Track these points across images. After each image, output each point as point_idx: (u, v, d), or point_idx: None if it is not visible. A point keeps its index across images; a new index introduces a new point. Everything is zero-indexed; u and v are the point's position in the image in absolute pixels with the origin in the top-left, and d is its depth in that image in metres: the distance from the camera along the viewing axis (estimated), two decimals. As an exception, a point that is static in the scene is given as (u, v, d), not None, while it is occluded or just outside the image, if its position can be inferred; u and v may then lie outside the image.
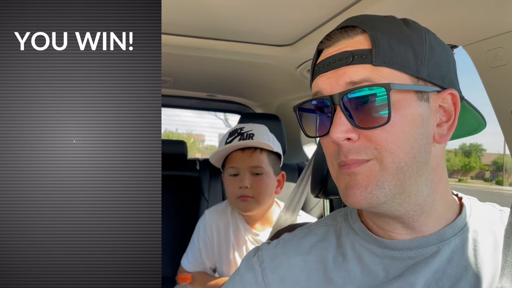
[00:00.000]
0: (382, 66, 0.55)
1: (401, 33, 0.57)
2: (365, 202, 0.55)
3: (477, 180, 6.89)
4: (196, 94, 2.49)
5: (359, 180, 0.55)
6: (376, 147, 0.55)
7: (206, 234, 1.46)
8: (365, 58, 0.55)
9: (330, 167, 0.61)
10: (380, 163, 0.55)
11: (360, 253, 0.62)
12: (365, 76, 0.54)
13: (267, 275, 0.64)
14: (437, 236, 0.59)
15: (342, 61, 0.56)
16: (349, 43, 0.58)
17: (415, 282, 0.57)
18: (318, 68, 0.60)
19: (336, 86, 0.56)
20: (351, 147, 0.55)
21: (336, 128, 0.55)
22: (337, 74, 0.57)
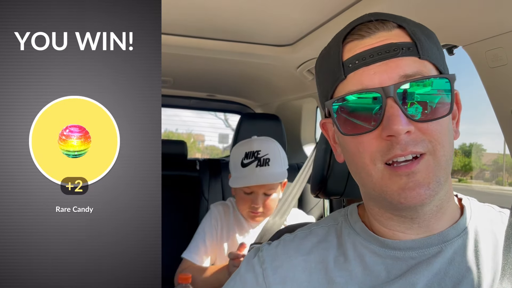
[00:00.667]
0: (426, 60, 0.55)
1: (425, 30, 0.58)
2: (428, 199, 0.54)
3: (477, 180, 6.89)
4: (196, 94, 2.49)
5: (419, 179, 0.54)
6: (430, 140, 0.54)
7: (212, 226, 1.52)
8: (411, 51, 0.55)
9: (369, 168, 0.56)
10: (434, 157, 0.54)
11: (362, 253, 0.61)
12: (417, 69, 0.54)
13: (268, 276, 0.64)
14: (440, 236, 0.59)
15: (390, 53, 0.55)
16: (390, 35, 0.56)
17: (416, 282, 0.57)
18: (355, 62, 0.56)
19: (387, 79, 0.54)
20: (409, 140, 0.53)
21: (397, 120, 0.52)
22: (387, 66, 0.54)
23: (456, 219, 0.61)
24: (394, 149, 0.53)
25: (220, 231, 1.52)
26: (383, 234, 0.62)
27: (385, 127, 0.53)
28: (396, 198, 0.55)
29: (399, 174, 0.54)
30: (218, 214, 1.54)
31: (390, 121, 0.53)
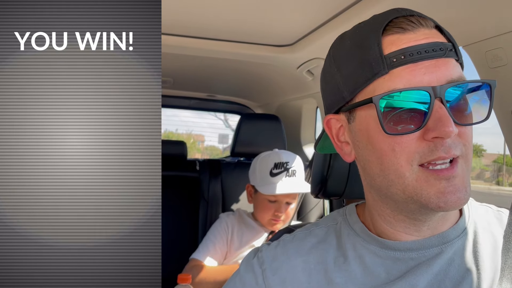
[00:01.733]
0: (459, 63, 0.56)
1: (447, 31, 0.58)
2: (464, 203, 0.54)
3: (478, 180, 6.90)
4: (196, 94, 2.49)
5: (457, 184, 0.53)
6: (464, 144, 0.54)
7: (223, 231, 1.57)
8: (452, 52, 0.54)
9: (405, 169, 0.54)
10: (465, 160, 0.54)
11: (362, 254, 0.61)
12: (460, 74, 0.54)
13: (268, 276, 0.63)
14: (440, 237, 0.59)
15: (438, 52, 0.53)
16: (431, 33, 0.55)
17: (416, 284, 0.56)
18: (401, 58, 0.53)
19: (436, 80, 0.52)
20: (451, 142, 0.52)
21: (449, 122, 0.51)
22: (436, 66, 0.53)
23: (456, 220, 0.61)
24: (438, 151, 0.52)
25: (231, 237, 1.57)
26: (384, 234, 0.62)
27: (433, 129, 0.51)
28: (434, 202, 0.53)
29: (439, 178, 0.53)
30: (229, 221, 1.60)
31: (440, 122, 0.51)
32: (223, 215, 1.64)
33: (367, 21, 0.60)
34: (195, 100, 2.62)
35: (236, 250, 1.55)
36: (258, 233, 1.57)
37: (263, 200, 1.53)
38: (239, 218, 1.61)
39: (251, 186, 1.58)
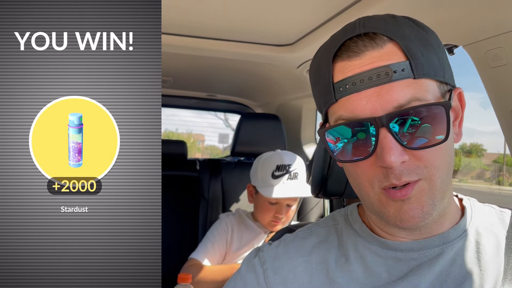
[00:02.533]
0: (422, 78, 0.52)
1: (422, 37, 0.54)
2: (422, 222, 0.54)
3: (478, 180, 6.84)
4: (196, 94, 2.49)
5: (412, 203, 0.54)
6: (425, 166, 0.53)
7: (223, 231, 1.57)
8: (405, 72, 0.51)
9: (367, 190, 0.56)
10: (429, 181, 0.53)
11: (363, 254, 0.61)
12: (411, 95, 0.51)
13: (269, 276, 0.63)
14: (441, 237, 0.59)
15: (382, 78, 0.51)
16: (380, 55, 0.52)
17: (418, 284, 0.56)
18: (345, 87, 0.53)
19: (380, 109, 0.51)
20: (403, 169, 0.52)
21: (391, 152, 0.51)
22: (378, 95, 0.51)
23: (457, 220, 0.61)
24: (390, 178, 0.53)
25: (230, 238, 1.57)
26: (383, 235, 0.62)
27: (379, 158, 0.52)
28: (392, 220, 0.55)
29: (394, 200, 0.54)
30: (229, 222, 1.59)
31: (383, 152, 0.51)
32: (223, 215, 1.64)
33: (327, 41, 0.59)
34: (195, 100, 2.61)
35: (236, 251, 1.55)
36: (257, 234, 1.57)
37: (264, 202, 1.53)
38: (239, 218, 1.61)
39: (252, 186, 1.58)
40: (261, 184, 1.52)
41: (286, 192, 1.48)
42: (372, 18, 0.55)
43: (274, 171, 1.51)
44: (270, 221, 1.54)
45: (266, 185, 1.50)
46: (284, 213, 1.51)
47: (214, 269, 1.46)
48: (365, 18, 0.56)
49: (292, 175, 1.51)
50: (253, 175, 1.57)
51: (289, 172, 1.51)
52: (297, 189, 1.51)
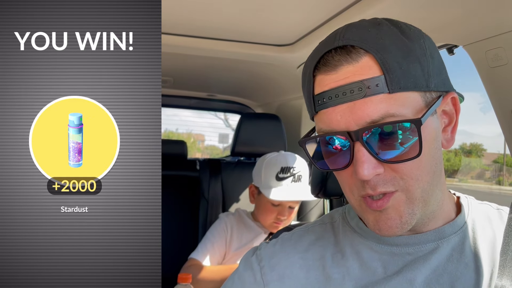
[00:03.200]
0: (398, 92, 0.52)
1: (404, 47, 0.53)
2: (400, 231, 0.55)
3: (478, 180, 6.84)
4: (196, 94, 2.49)
5: (390, 214, 0.54)
6: (402, 177, 0.53)
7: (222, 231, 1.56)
8: (379, 87, 0.51)
9: (349, 196, 0.58)
10: (407, 192, 0.54)
11: (359, 249, 0.62)
12: (384, 111, 0.51)
13: (266, 273, 0.64)
14: (436, 233, 0.60)
15: (355, 94, 0.52)
16: (355, 69, 0.52)
17: (414, 279, 0.57)
18: (323, 100, 0.54)
19: (353, 124, 0.52)
20: (378, 180, 0.53)
21: (363, 166, 0.52)
22: (352, 110, 0.52)
23: (452, 217, 0.62)
24: (366, 188, 0.54)
25: (230, 238, 1.56)
26: None
27: (355, 170, 0.53)
28: (372, 227, 0.57)
29: (371, 210, 0.55)
30: (229, 222, 1.59)
31: (356, 166, 0.52)
32: (223, 215, 1.64)
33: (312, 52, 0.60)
34: (195, 100, 2.61)
35: (236, 250, 1.55)
36: (257, 234, 1.57)
37: (266, 203, 1.52)
38: (239, 218, 1.61)
39: (254, 187, 1.57)
40: (264, 186, 1.51)
41: (290, 195, 1.48)
42: (354, 28, 0.55)
43: (279, 173, 1.51)
44: (272, 222, 1.53)
45: (269, 186, 1.49)
46: (286, 215, 1.51)
47: (213, 269, 1.46)
48: (348, 27, 0.56)
49: (296, 178, 1.51)
50: (256, 176, 1.57)
51: (293, 174, 1.51)
52: (301, 192, 1.50)
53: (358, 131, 0.52)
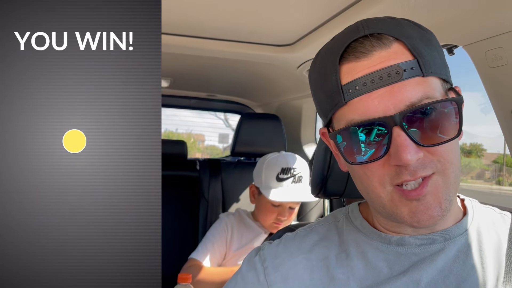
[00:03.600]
0: (430, 76, 0.53)
1: (424, 37, 0.55)
2: (441, 219, 0.54)
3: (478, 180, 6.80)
4: (196, 94, 2.49)
5: (429, 201, 0.53)
6: (439, 160, 0.53)
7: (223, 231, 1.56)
8: (414, 70, 0.52)
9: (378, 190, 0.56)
10: (443, 176, 0.54)
11: (364, 249, 0.61)
12: (422, 93, 0.52)
13: (269, 274, 0.64)
14: (442, 234, 0.59)
15: (392, 77, 0.51)
16: (389, 54, 0.53)
17: (420, 279, 0.57)
18: (355, 88, 0.53)
19: (392, 107, 0.51)
20: (417, 164, 0.52)
21: (406, 150, 0.51)
22: (391, 94, 0.51)
23: (458, 219, 0.61)
24: (403, 175, 0.53)
25: (230, 238, 1.56)
26: (386, 231, 0.62)
27: (393, 156, 0.52)
28: (408, 221, 0.55)
29: (409, 199, 0.54)
30: (229, 222, 1.59)
31: (398, 151, 0.51)
32: (223, 215, 1.64)
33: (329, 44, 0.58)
34: (195, 100, 2.62)
35: (236, 251, 1.55)
36: (257, 234, 1.57)
37: (266, 204, 1.52)
38: (239, 218, 1.61)
39: (255, 187, 1.57)
40: (264, 186, 1.51)
41: (290, 196, 1.48)
42: (373, 20, 0.56)
43: (279, 174, 1.50)
44: (272, 223, 1.53)
45: (270, 187, 1.49)
46: (286, 216, 1.51)
47: (214, 271, 1.46)
48: (366, 20, 0.56)
49: (297, 179, 1.51)
50: (256, 176, 1.56)
51: (294, 175, 1.50)
52: (302, 193, 1.50)
53: (398, 115, 0.51)
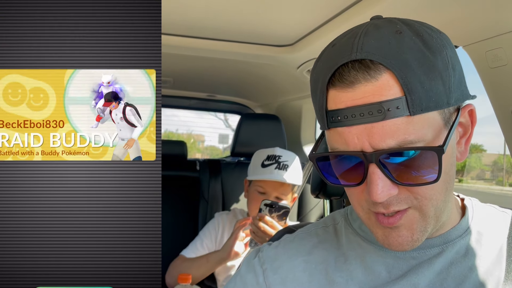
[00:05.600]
0: (420, 114, 0.48)
1: (427, 63, 0.49)
2: (410, 248, 0.54)
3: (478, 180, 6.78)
4: (196, 94, 2.49)
5: (402, 231, 0.53)
6: (416, 197, 0.52)
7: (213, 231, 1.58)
8: (400, 109, 0.48)
9: (358, 210, 0.57)
10: (420, 210, 0.53)
11: (362, 253, 0.61)
12: (403, 139, 0.48)
13: (268, 276, 0.63)
14: (441, 238, 0.59)
15: (374, 116, 0.48)
16: (374, 89, 0.48)
17: (418, 283, 0.57)
18: (337, 118, 0.51)
19: (369, 146, 0.50)
20: (392, 199, 0.52)
21: (377, 189, 0.50)
22: (369, 133, 0.49)
23: (457, 220, 0.61)
24: (377, 207, 0.53)
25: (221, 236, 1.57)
26: None
27: (368, 190, 0.51)
28: (381, 242, 0.56)
29: (383, 227, 0.54)
30: (221, 221, 1.60)
31: (370, 187, 0.50)
32: (217, 214, 1.66)
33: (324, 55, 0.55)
34: (195, 100, 2.61)
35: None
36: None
37: (253, 192, 1.53)
38: (233, 217, 1.61)
39: (247, 181, 1.59)
40: (251, 174, 1.54)
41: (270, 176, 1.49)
42: (373, 38, 0.50)
43: (264, 161, 1.53)
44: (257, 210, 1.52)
45: (255, 173, 1.53)
46: None
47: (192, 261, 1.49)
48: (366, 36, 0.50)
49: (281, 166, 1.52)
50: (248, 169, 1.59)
51: (278, 162, 1.52)
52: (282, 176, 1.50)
53: (374, 154, 0.49)
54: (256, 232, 1.33)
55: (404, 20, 0.53)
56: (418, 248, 0.59)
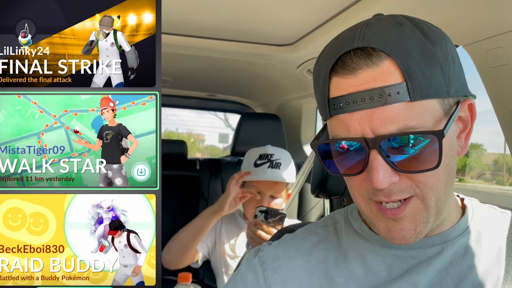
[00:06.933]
0: (419, 100, 0.49)
1: (427, 52, 0.50)
2: (414, 241, 0.54)
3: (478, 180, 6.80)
4: (196, 93, 2.49)
5: (405, 223, 0.53)
6: (417, 185, 0.52)
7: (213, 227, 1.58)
8: (400, 94, 0.49)
9: (359, 200, 0.57)
10: (422, 199, 0.53)
11: (362, 252, 0.61)
12: (404, 122, 0.49)
13: (269, 275, 0.63)
14: (441, 237, 0.59)
15: (375, 101, 0.49)
16: (376, 74, 0.50)
17: (418, 283, 0.57)
18: (339, 105, 0.51)
19: (370, 131, 0.50)
20: (393, 188, 0.52)
21: (378, 175, 0.50)
22: (370, 118, 0.50)
23: (456, 220, 0.61)
24: (379, 195, 0.53)
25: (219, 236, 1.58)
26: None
27: (369, 177, 0.51)
28: (383, 235, 0.56)
29: (386, 218, 0.54)
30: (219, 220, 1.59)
31: (371, 174, 0.51)
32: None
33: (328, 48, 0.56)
34: (196, 100, 2.62)
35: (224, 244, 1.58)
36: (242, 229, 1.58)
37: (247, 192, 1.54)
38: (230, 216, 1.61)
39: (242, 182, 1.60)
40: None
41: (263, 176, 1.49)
42: (374, 28, 0.52)
43: (257, 160, 1.53)
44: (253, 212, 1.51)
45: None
46: (266, 204, 1.50)
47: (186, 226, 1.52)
48: (367, 26, 0.52)
49: (274, 164, 1.52)
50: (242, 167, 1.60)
51: (271, 161, 1.52)
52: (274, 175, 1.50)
53: (376, 139, 0.50)
54: (253, 237, 1.33)
55: (404, 15, 0.55)
56: (418, 247, 0.59)
